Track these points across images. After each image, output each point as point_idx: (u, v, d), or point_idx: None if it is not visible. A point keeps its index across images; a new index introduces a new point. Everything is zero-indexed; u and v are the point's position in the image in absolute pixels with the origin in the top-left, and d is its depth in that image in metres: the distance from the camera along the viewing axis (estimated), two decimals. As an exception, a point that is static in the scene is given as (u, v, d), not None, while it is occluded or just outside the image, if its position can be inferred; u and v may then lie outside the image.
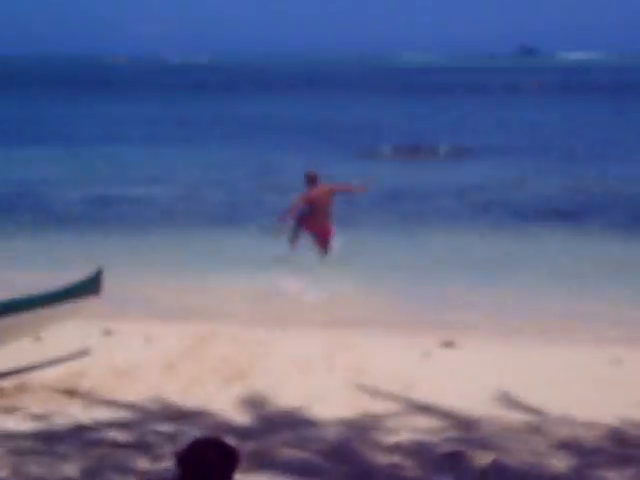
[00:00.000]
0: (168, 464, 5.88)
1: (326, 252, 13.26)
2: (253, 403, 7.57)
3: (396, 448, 6.50)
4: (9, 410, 7.30)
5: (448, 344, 9.41)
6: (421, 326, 10.38)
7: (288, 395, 7.71)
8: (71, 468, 6.07)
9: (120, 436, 6.71)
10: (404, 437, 6.72)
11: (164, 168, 24.22)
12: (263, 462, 6.15)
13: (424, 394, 7.74)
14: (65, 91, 65.67)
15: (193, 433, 6.47)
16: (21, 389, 7.86)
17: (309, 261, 13.16)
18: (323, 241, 13.27)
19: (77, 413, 7.24)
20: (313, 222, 13.18)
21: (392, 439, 6.68)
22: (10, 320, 8.01)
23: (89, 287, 8.63)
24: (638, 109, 45.77)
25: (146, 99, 57.88)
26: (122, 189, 20.59)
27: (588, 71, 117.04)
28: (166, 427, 6.91)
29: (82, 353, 8.90)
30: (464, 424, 7.06)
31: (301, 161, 22.26)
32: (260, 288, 11.95)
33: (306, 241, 13.41)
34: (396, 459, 6.29)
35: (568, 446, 6.55)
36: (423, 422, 7.09)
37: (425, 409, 7.41)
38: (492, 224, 16.41)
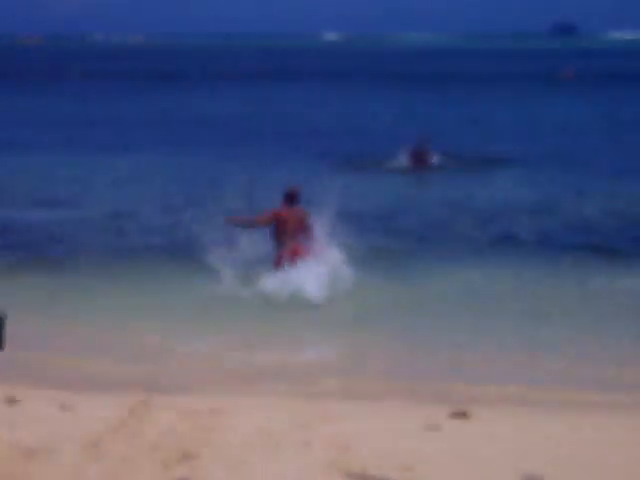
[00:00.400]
0: None
1: (279, 268, 14.26)
2: (202, 493, 7.57)
3: None
4: None
5: (459, 414, 9.49)
6: (425, 390, 10.46)
7: (249, 482, 7.71)
8: None
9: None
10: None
11: (79, 184, 24.32)
12: None
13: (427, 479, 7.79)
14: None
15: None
16: None
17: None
18: (283, 261, 14.28)
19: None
20: (278, 245, 14.51)
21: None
22: None
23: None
24: None
25: (56, 90, 57.61)
26: (20, 212, 20.60)
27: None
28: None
29: (-24, 428, 8.87)
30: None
31: (268, 176, 22.56)
32: (213, 344, 11.99)
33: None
34: None
35: None
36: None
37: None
38: (511, 261, 16.46)
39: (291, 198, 14.63)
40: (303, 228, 14.40)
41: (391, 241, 17.85)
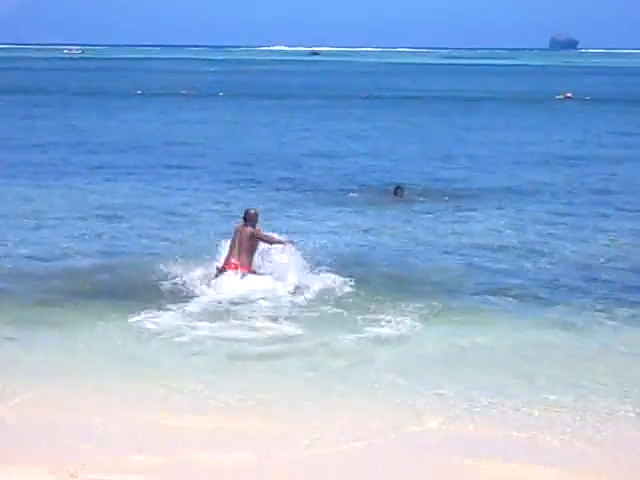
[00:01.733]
0: None
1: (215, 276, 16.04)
2: None
3: None
4: None
5: None
6: None
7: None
8: None
9: None
10: None
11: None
12: None
13: None
14: None
15: None
16: None
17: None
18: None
19: None
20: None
21: None
22: None
23: None
24: None
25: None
26: None
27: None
28: None
29: None
30: None
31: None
32: None
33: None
34: None
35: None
36: None
37: None
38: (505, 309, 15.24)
39: (249, 218, 16.27)
40: (250, 246, 16.15)
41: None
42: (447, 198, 25.64)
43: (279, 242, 16.25)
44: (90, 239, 20.14)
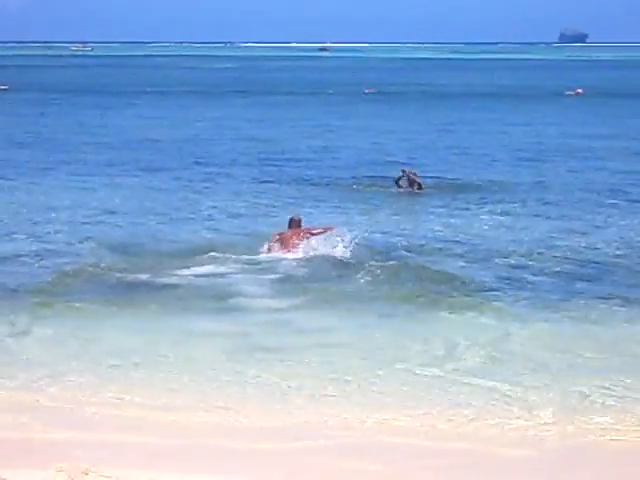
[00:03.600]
0: None
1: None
2: None
3: None
4: None
5: None
6: None
7: None
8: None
9: None
10: None
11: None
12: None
13: None
14: None
15: None
16: None
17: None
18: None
19: None
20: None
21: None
22: None
23: None
24: None
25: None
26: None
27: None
28: None
29: None
30: None
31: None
32: None
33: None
34: None
35: None
36: None
37: None
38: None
39: (295, 224, 18.13)
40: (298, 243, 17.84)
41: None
42: (464, 191, 25.75)
43: (326, 229, 18.18)
44: (99, 236, 19.99)
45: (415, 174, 26.03)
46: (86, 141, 38.37)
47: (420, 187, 25.68)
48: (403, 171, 26.14)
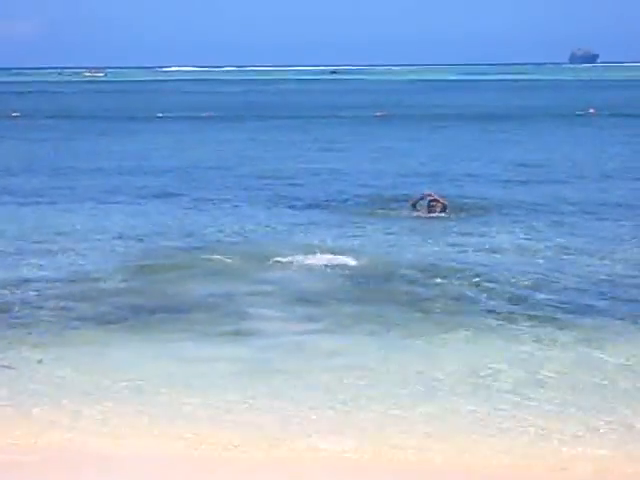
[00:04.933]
0: None
1: None
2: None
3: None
4: None
5: None
6: None
7: None
8: None
9: None
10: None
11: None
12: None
13: None
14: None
15: None
16: None
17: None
18: None
19: None
20: None
21: None
22: None
23: None
24: None
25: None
26: None
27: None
28: None
29: None
30: None
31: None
32: None
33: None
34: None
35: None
36: None
37: None
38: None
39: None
40: None
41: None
42: (480, 213, 25.67)
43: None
44: (115, 259, 19.91)
45: (442, 197, 25.75)
46: (100, 166, 38.38)
47: (444, 209, 25.35)
48: (426, 194, 25.84)
